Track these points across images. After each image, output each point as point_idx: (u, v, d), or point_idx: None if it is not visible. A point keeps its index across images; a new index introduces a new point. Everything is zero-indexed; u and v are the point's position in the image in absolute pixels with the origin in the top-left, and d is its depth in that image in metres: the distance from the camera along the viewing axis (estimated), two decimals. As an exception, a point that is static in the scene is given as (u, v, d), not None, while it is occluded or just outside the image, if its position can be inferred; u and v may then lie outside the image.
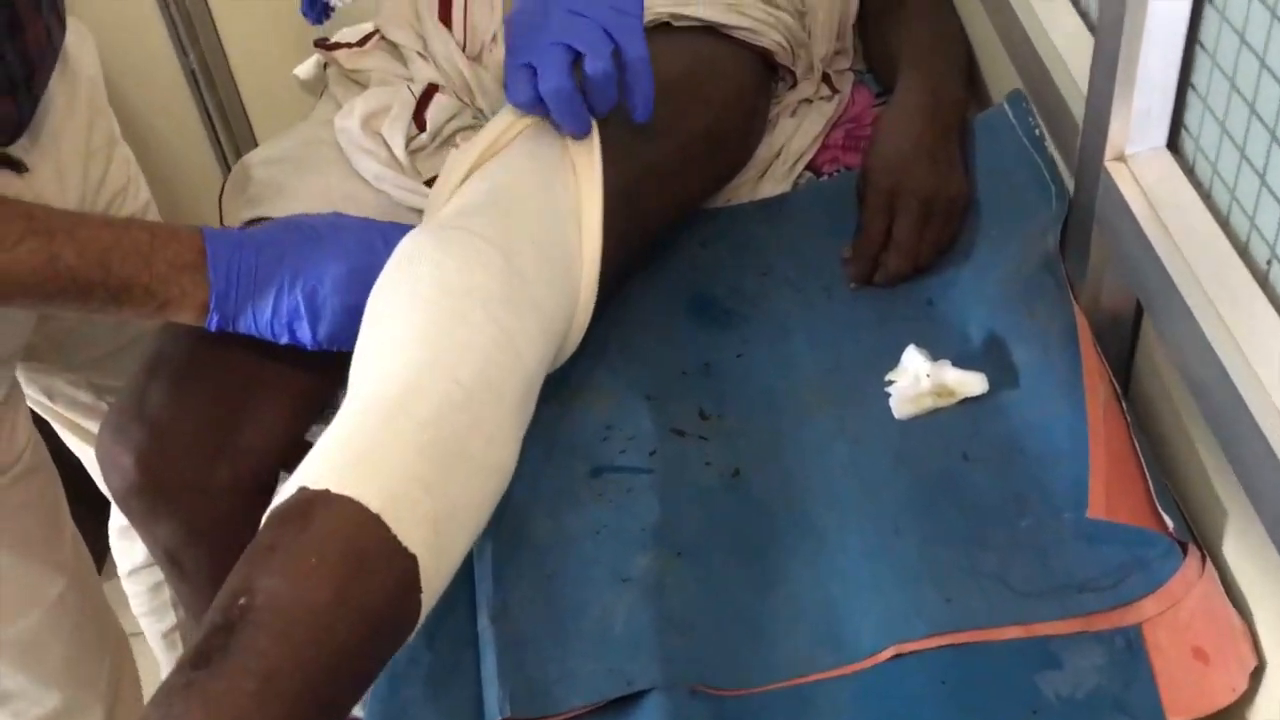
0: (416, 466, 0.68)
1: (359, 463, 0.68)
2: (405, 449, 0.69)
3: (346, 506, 0.65)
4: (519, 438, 0.77)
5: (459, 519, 0.71)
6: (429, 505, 0.68)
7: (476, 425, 0.73)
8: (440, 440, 0.70)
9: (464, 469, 0.71)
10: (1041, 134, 0.95)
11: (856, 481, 0.84)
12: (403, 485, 0.67)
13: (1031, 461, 0.82)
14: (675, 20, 1.03)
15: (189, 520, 0.92)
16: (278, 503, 0.68)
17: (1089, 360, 0.78)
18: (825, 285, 1.00)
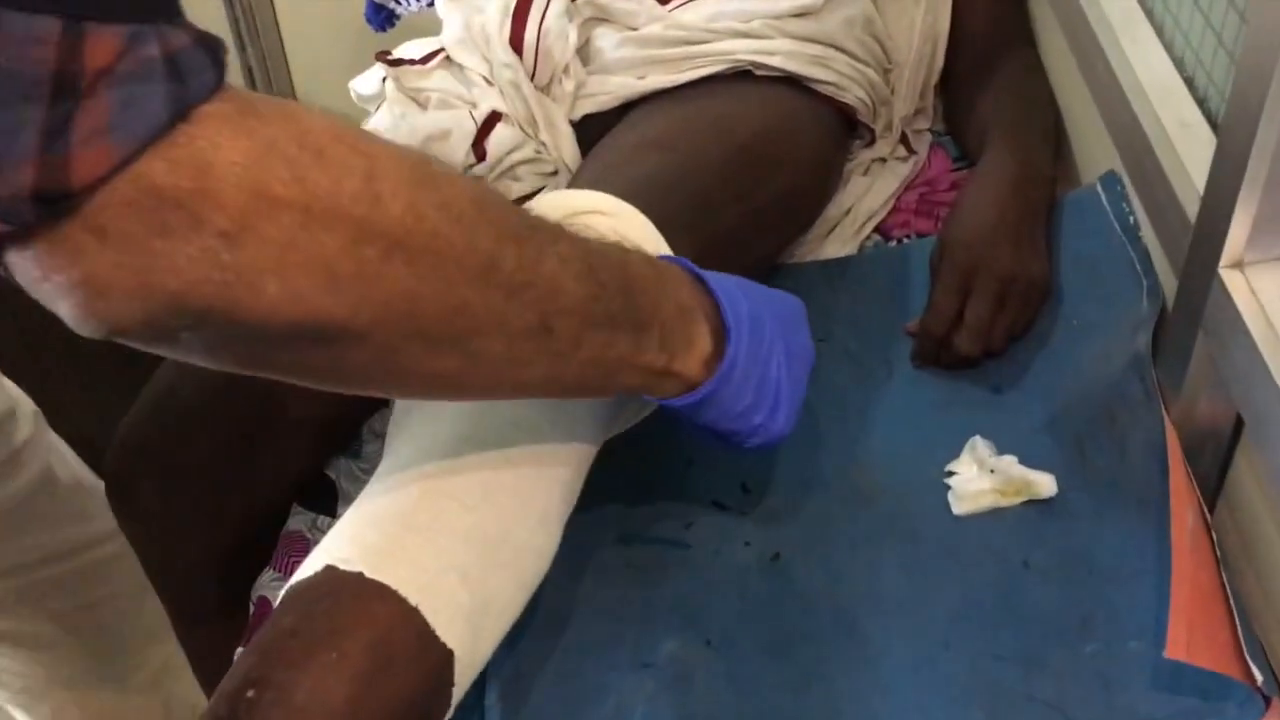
0: (457, 555, 0.63)
1: (396, 548, 0.62)
2: (447, 535, 0.64)
3: (380, 596, 0.60)
4: (566, 515, 0.72)
5: (497, 606, 0.66)
6: (466, 597, 0.63)
7: (524, 509, 0.68)
8: (484, 525, 0.65)
9: (506, 554, 0.66)
10: (1136, 222, 0.89)
11: (906, 582, 0.77)
12: (441, 575, 0.62)
13: (1099, 579, 0.75)
14: (756, 69, 0.98)
15: (199, 551, 0.87)
16: (300, 578, 0.62)
17: (1177, 480, 0.72)
18: (886, 360, 0.94)
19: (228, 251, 0.46)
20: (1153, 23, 0.87)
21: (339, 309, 0.49)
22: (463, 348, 0.54)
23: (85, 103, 0.42)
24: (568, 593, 0.77)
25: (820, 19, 1.03)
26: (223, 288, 0.46)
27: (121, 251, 0.44)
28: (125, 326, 0.46)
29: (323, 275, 0.48)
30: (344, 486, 0.89)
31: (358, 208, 0.48)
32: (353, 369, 0.53)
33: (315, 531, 0.87)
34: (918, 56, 1.11)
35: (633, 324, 0.61)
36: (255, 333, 0.48)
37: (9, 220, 0.43)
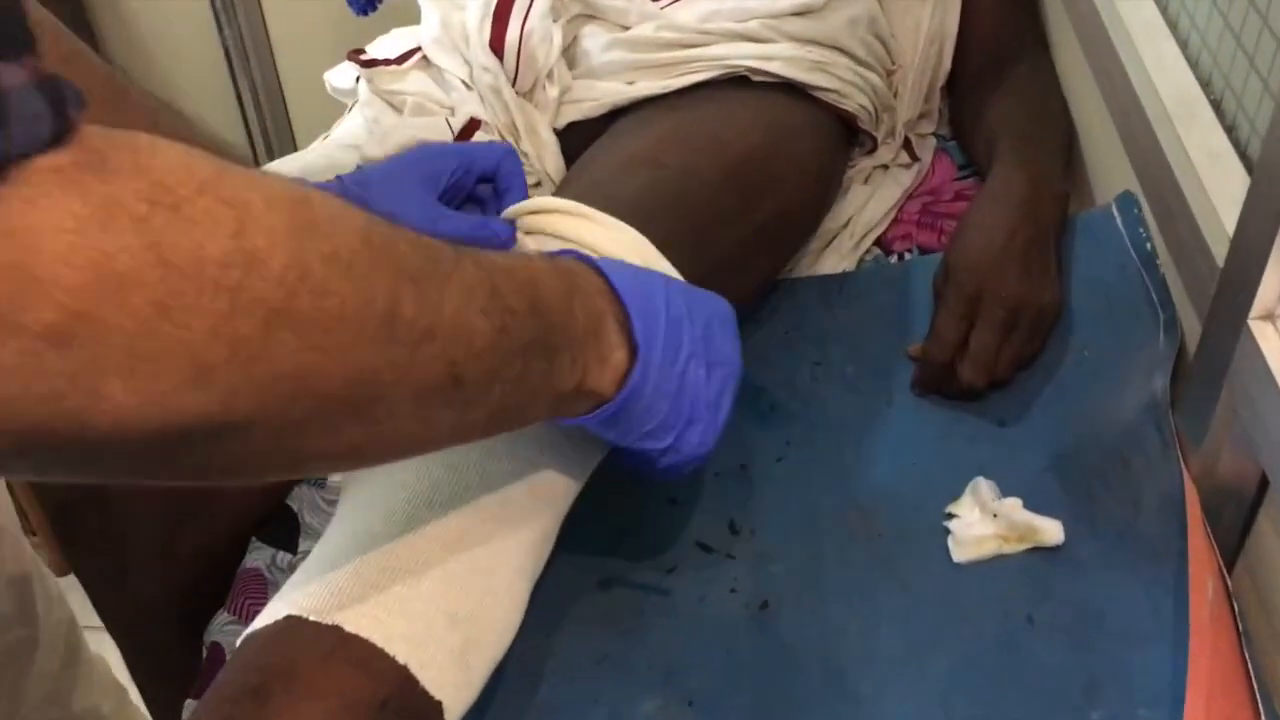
0: (442, 596, 0.58)
1: (376, 595, 0.56)
2: (429, 576, 0.58)
3: (364, 655, 0.55)
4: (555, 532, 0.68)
5: (490, 638, 0.62)
6: (456, 640, 0.58)
7: (513, 536, 0.63)
8: (469, 561, 0.60)
9: (495, 584, 0.62)
10: (1154, 249, 0.83)
11: (902, 637, 0.73)
12: (427, 622, 0.57)
13: (1108, 639, 0.71)
14: (754, 75, 0.92)
15: (151, 588, 0.81)
16: (261, 624, 0.57)
17: (1196, 543, 0.67)
18: (885, 387, 0.89)
19: (55, 353, 0.35)
20: (1176, 37, 0.81)
21: (210, 403, 0.40)
22: (364, 417, 0.46)
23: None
24: (540, 645, 0.72)
25: (822, 18, 0.98)
26: (49, 401, 0.36)
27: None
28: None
29: (186, 366, 0.38)
30: (306, 519, 0.84)
31: (229, 275, 0.39)
32: (235, 465, 0.44)
33: (275, 569, 0.81)
34: (923, 58, 1.06)
35: (544, 349, 0.54)
36: (97, 450, 0.39)
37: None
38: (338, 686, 0.53)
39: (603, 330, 0.58)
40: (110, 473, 0.44)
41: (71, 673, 0.87)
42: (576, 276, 0.58)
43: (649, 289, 0.61)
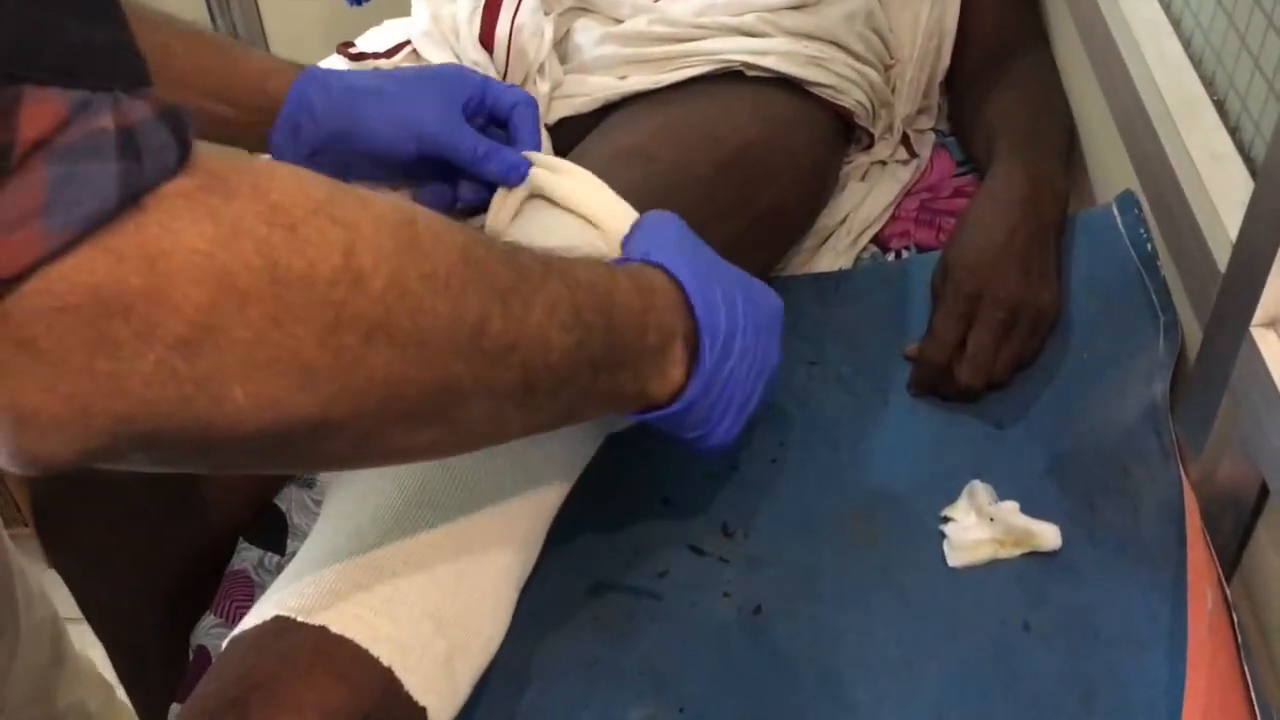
0: (429, 598, 0.57)
1: (362, 596, 0.56)
2: (420, 578, 0.58)
3: (346, 656, 0.54)
4: (544, 532, 0.68)
5: (478, 644, 0.61)
6: (442, 645, 0.57)
7: (500, 536, 0.62)
8: (457, 561, 0.60)
9: (486, 584, 0.61)
10: (1154, 250, 0.82)
11: (897, 644, 0.72)
12: (414, 625, 0.56)
13: (1105, 646, 0.69)
14: (749, 70, 0.90)
15: (136, 588, 0.80)
16: (249, 625, 0.56)
17: (1196, 552, 0.66)
18: (881, 388, 0.88)
19: (186, 362, 0.39)
20: (1180, 36, 0.80)
21: (313, 406, 0.43)
22: (444, 420, 0.50)
23: (15, 179, 0.35)
24: (528, 650, 0.71)
25: (818, 12, 0.96)
26: (179, 405, 0.39)
27: (54, 373, 0.37)
28: (56, 463, 0.39)
29: (296, 372, 0.42)
30: (295, 520, 0.83)
31: (336, 291, 0.42)
32: (322, 459, 0.49)
33: (262, 571, 0.80)
34: (922, 53, 1.04)
35: (611, 363, 0.57)
36: (216, 445, 0.42)
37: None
38: (318, 699, 0.52)
39: (670, 349, 0.61)
40: (217, 465, 0.47)
41: (56, 670, 0.86)
42: (655, 295, 0.61)
43: (715, 301, 0.63)
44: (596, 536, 0.78)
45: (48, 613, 0.89)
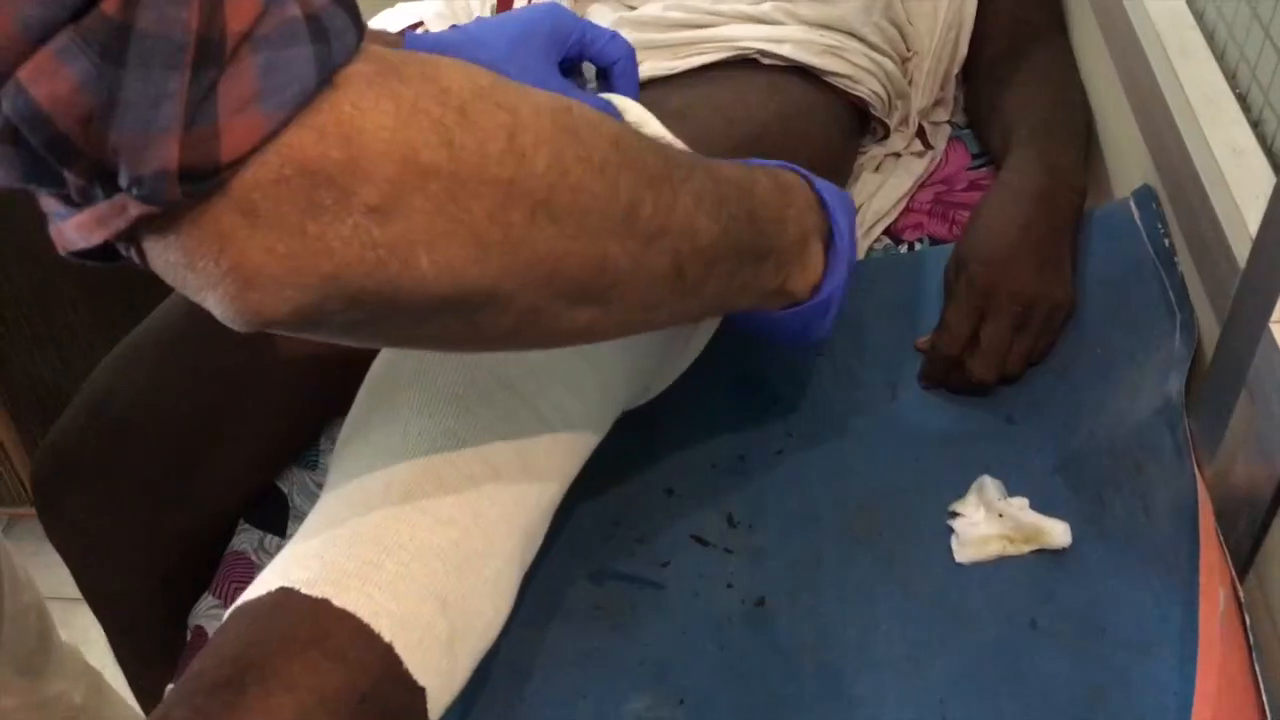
0: (436, 578, 0.57)
1: (367, 570, 0.56)
2: (425, 555, 0.57)
3: (348, 628, 0.54)
4: (549, 518, 0.67)
5: (478, 628, 0.60)
6: (445, 626, 0.57)
7: (508, 519, 0.62)
8: (465, 542, 0.59)
9: (489, 570, 0.60)
10: (1172, 246, 0.81)
11: (902, 639, 0.71)
12: (417, 604, 0.56)
13: (1113, 646, 0.68)
14: (764, 57, 0.89)
15: (133, 570, 0.80)
16: (250, 598, 0.56)
17: (1209, 552, 0.65)
18: (891, 381, 0.87)
19: (379, 227, 0.43)
20: (1203, 28, 0.78)
21: (485, 277, 0.47)
22: (601, 299, 0.53)
23: (229, 69, 0.39)
24: (527, 639, 0.70)
25: (836, 2, 0.95)
26: (376, 266, 0.43)
27: (273, 235, 0.41)
28: (278, 318, 0.43)
29: (470, 244, 0.46)
30: (297, 502, 0.82)
31: (503, 169, 0.46)
32: (491, 333, 0.51)
33: (262, 553, 0.80)
34: (940, 45, 1.03)
35: (755, 253, 0.61)
36: (404, 309, 0.46)
37: (152, 200, 0.39)
38: (314, 680, 0.52)
39: (809, 244, 0.65)
40: (404, 334, 0.50)
41: (41, 659, 0.85)
42: (793, 192, 0.64)
43: (847, 210, 0.67)
44: (599, 525, 0.77)
45: (33, 599, 0.88)
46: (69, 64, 0.37)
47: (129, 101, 0.37)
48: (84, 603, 0.96)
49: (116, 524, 0.78)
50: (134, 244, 0.42)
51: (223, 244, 0.41)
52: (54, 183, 0.40)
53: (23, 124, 0.37)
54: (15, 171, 0.39)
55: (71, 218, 0.41)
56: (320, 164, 0.41)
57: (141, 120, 0.38)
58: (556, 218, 0.48)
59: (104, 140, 0.38)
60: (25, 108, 0.37)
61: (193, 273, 0.42)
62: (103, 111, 0.38)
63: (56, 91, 0.37)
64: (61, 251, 0.44)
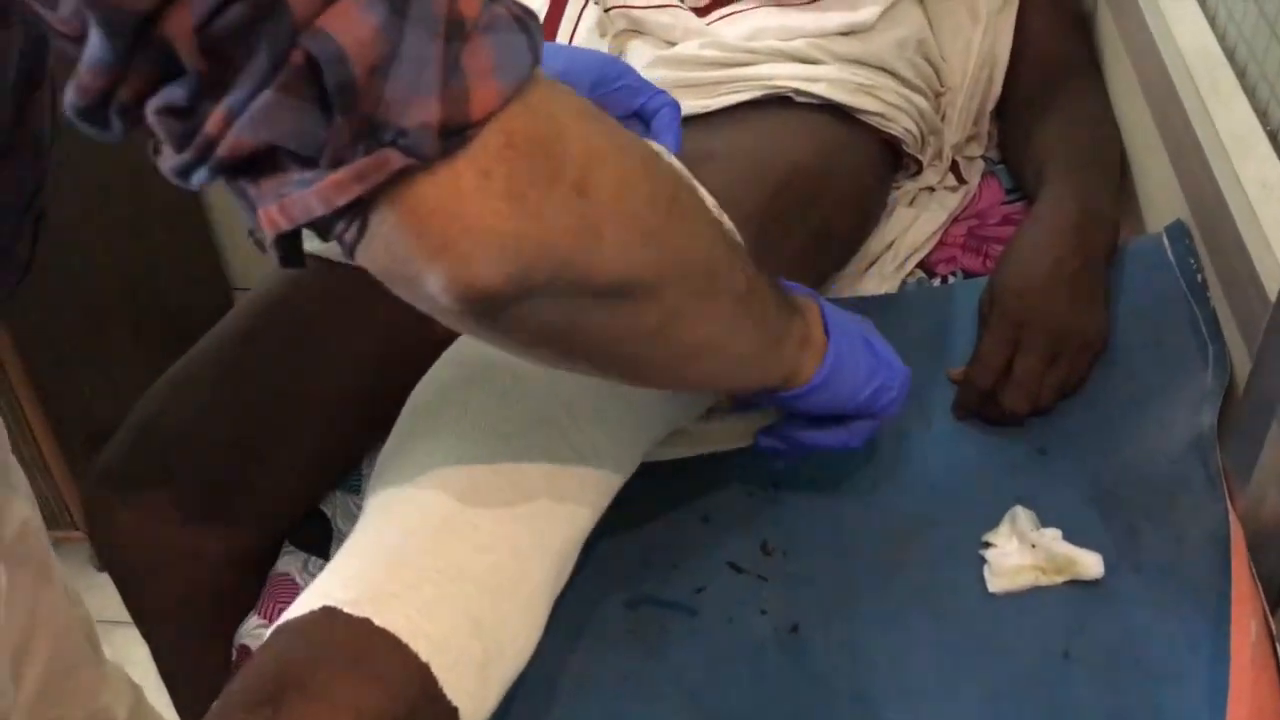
0: (472, 602, 0.59)
1: (405, 593, 0.58)
2: (461, 580, 0.59)
3: (386, 646, 0.56)
4: (580, 545, 0.69)
5: (511, 652, 0.62)
6: (479, 649, 0.58)
7: (542, 546, 0.63)
8: (499, 567, 0.61)
9: (522, 597, 0.62)
10: (1204, 281, 0.82)
11: (935, 667, 0.71)
12: (453, 626, 0.58)
13: (1145, 676, 0.69)
14: (798, 96, 0.91)
15: (178, 588, 0.82)
16: (294, 614, 0.58)
17: (1240, 583, 0.65)
18: (924, 412, 0.88)
19: (578, 199, 0.47)
20: (1234, 66, 0.79)
21: (645, 265, 0.52)
22: (712, 309, 0.58)
23: (469, 45, 0.43)
24: (563, 662, 0.71)
25: (869, 39, 0.97)
26: (576, 238, 0.48)
27: (501, 199, 0.45)
28: (492, 286, 0.46)
29: (635, 228, 0.51)
30: (340, 525, 0.84)
31: (646, 165, 0.52)
32: (639, 333, 0.55)
33: (306, 575, 0.82)
34: (973, 81, 1.05)
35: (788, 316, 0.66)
36: (588, 291, 0.50)
37: (414, 153, 0.43)
38: (351, 698, 0.53)
39: (811, 346, 0.69)
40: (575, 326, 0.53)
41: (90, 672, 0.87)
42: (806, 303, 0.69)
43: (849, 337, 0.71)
44: (635, 551, 0.79)
45: (84, 613, 0.91)
46: (368, 11, 0.41)
47: (405, 56, 0.41)
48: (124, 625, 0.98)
49: (163, 541, 0.80)
50: (361, 219, 0.44)
51: (461, 203, 0.44)
52: (314, 143, 0.42)
53: (325, 62, 0.40)
54: (284, 125, 0.42)
55: (318, 182, 0.43)
56: (536, 136, 0.45)
57: (411, 76, 0.42)
58: (684, 215, 0.55)
59: (380, 92, 0.42)
60: (329, 48, 0.40)
61: (421, 237, 0.44)
62: (384, 63, 0.41)
63: (358, 36, 0.40)
64: (270, 231, 0.45)
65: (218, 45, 0.40)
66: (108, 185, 1.62)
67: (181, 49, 0.40)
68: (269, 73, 0.41)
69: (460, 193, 0.44)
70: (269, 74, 0.41)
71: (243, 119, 0.41)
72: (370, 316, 0.88)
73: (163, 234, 1.78)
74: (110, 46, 0.40)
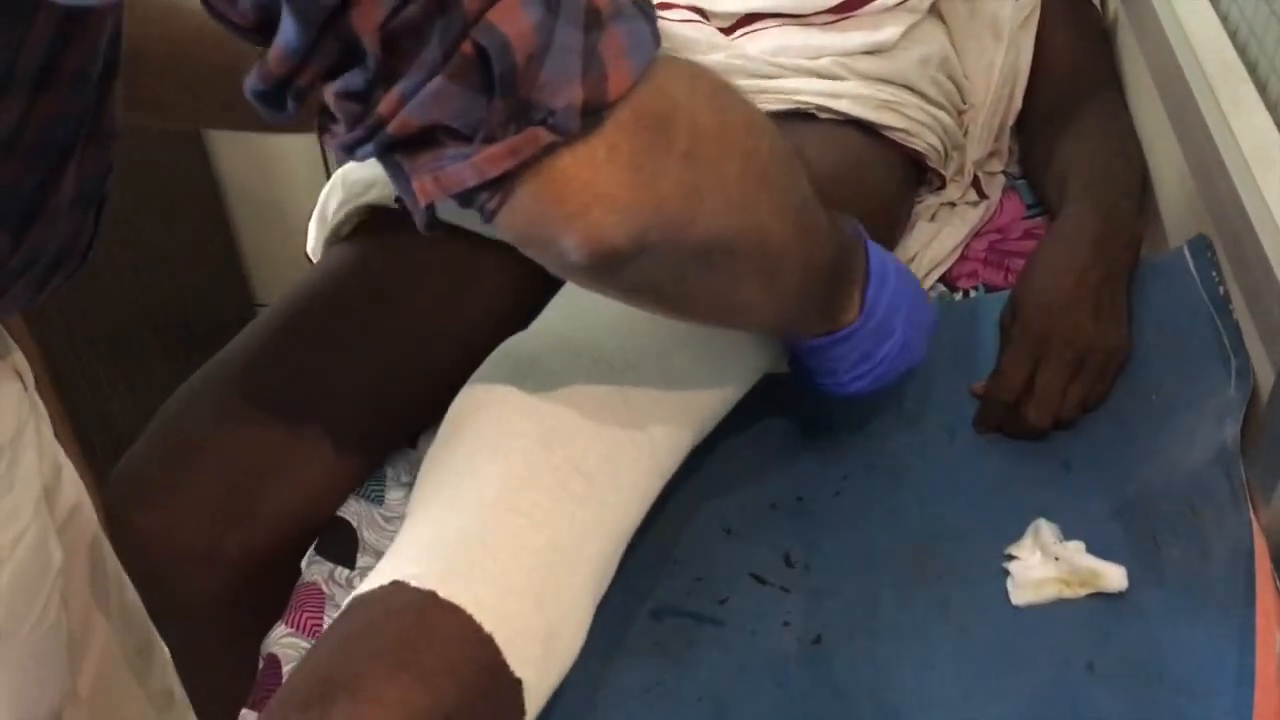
0: (533, 577, 0.61)
1: (470, 568, 0.60)
2: (522, 556, 0.62)
3: (453, 618, 0.58)
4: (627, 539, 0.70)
5: (571, 627, 0.64)
6: (541, 623, 0.61)
7: (597, 523, 0.66)
8: (557, 543, 0.63)
9: (581, 573, 0.64)
10: (1227, 294, 0.82)
11: (957, 680, 0.71)
12: (516, 600, 0.60)
13: (1170, 689, 0.69)
14: (821, 113, 0.92)
15: (197, 591, 0.83)
16: (368, 587, 0.61)
17: (1265, 597, 0.65)
18: (946, 425, 0.88)
19: (686, 169, 0.52)
20: (1255, 81, 0.80)
21: (730, 231, 0.56)
22: (771, 280, 0.63)
23: (604, 33, 0.48)
24: (588, 673, 0.72)
25: (893, 57, 0.97)
26: (683, 202, 0.53)
27: (626, 170, 0.50)
28: (618, 244, 0.51)
29: (727, 199, 0.55)
30: (365, 535, 0.85)
31: (746, 141, 0.56)
32: (709, 293, 0.61)
33: (332, 584, 0.82)
34: (995, 98, 1.05)
35: (841, 282, 0.71)
36: (686, 251, 0.55)
37: (560, 130, 0.48)
38: (401, 700, 0.54)
39: (854, 287, 0.73)
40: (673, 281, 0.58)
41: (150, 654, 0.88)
42: (857, 240, 0.73)
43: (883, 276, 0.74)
44: (660, 562, 0.79)
45: (135, 597, 0.92)
46: (528, 10, 0.46)
47: (557, 46, 0.47)
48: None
49: (181, 543, 0.81)
50: (506, 189, 0.50)
51: (594, 173, 0.49)
52: (473, 122, 0.48)
53: (493, 52, 0.46)
54: (450, 107, 0.47)
55: (476, 154, 0.48)
56: (656, 113, 0.50)
57: (561, 63, 0.47)
58: (770, 191, 0.58)
59: (536, 77, 0.47)
60: (497, 40, 0.45)
61: (560, 203, 0.50)
62: (540, 53, 0.46)
63: (520, 29, 0.46)
64: (424, 200, 0.51)
65: (397, 37, 0.45)
66: (135, 202, 1.64)
67: (366, 39, 0.45)
68: (440, 61, 0.46)
69: (594, 164, 0.49)
70: (440, 62, 0.46)
71: (413, 102, 0.47)
72: (389, 326, 0.89)
73: (188, 251, 1.80)
74: (301, 35, 0.45)
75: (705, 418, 0.77)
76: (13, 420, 0.67)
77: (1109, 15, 1.13)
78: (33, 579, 0.69)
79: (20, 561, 0.67)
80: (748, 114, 0.57)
